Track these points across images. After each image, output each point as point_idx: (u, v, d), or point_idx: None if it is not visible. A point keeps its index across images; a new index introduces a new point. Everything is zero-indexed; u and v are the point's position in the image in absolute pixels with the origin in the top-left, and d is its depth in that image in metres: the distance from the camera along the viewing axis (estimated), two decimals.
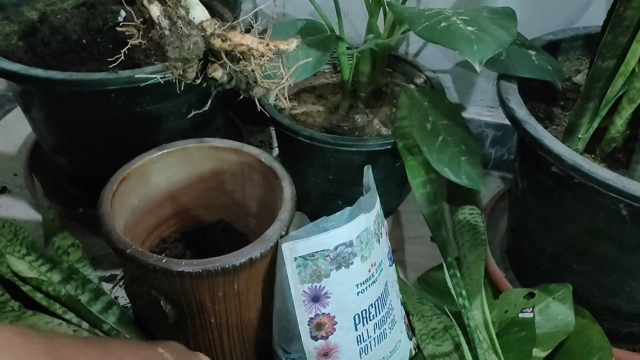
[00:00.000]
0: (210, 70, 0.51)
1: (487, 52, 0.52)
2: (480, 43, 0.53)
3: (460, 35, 0.53)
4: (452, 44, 0.53)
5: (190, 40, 0.48)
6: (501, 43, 0.54)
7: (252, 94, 0.53)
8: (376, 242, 0.59)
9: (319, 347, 0.58)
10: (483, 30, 0.54)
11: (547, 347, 0.64)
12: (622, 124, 0.62)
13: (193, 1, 0.49)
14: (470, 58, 0.52)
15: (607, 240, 0.61)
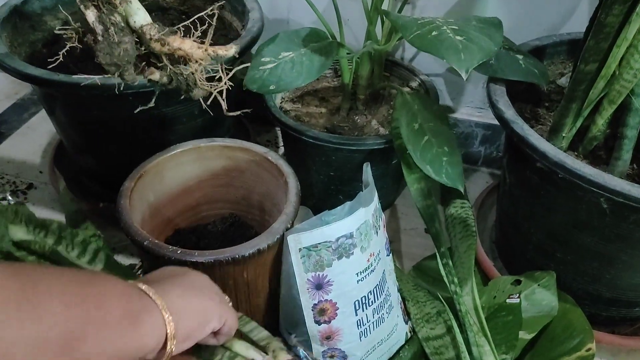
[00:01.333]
0: (148, 73, 0.49)
1: (473, 62, 0.52)
2: (467, 52, 0.52)
3: (449, 45, 0.53)
4: (441, 53, 0.53)
5: (120, 47, 0.46)
6: (487, 53, 0.53)
7: (192, 95, 0.51)
8: (374, 233, 0.59)
9: (322, 330, 0.58)
10: (470, 40, 0.54)
11: (532, 330, 0.64)
12: (603, 123, 0.61)
13: (134, 6, 0.47)
14: (457, 66, 0.51)
15: (588, 231, 0.61)
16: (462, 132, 0.94)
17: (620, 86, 0.57)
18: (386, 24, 0.73)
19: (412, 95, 0.71)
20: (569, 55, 0.77)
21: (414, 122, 0.67)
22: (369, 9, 0.71)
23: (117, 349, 0.34)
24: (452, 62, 0.51)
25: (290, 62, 0.67)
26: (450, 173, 0.63)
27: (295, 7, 0.90)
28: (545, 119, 0.70)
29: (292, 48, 0.68)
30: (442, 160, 0.64)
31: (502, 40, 0.57)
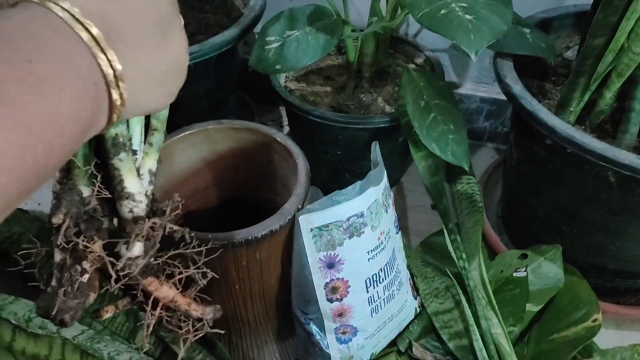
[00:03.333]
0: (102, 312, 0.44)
1: (483, 42, 0.51)
2: (477, 33, 0.52)
3: (459, 24, 0.52)
4: (451, 34, 0.52)
5: (69, 304, 0.38)
6: (497, 32, 0.53)
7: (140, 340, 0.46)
8: (384, 212, 0.59)
9: (334, 308, 0.59)
10: (480, 19, 0.53)
11: (539, 302, 0.65)
12: (611, 97, 0.61)
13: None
14: (467, 48, 0.51)
15: (595, 205, 0.62)
16: (467, 107, 0.94)
17: (629, 59, 0.57)
18: (391, 0, 0.72)
19: (418, 72, 0.71)
20: (576, 28, 0.76)
21: (420, 99, 0.67)
22: None
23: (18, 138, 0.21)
24: (462, 44, 0.50)
25: (295, 41, 0.67)
26: (456, 151, 0.63)
27: None
28: (552, 93, 0.70)
29: (296, 26, 0.68)
30: (447, 138, 0.64)
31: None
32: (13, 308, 0.54)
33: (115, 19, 0.26)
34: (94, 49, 0.24)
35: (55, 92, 0.22)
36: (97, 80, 0.25)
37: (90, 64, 0.24)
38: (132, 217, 0.41)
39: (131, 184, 0.41)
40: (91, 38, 0.24)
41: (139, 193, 0.41)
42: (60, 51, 0.23)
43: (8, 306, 0.55)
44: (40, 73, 0.22)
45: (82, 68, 0.24)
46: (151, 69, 0.29)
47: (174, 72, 0.31)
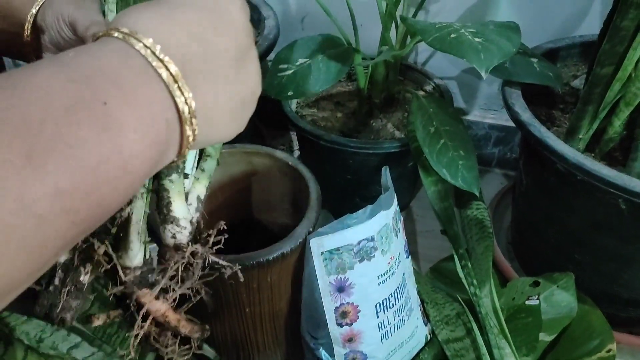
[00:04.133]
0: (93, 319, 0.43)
1: (493, 61, 0.53)
2: (487, 52, 0.53)
3: (469, 46, 0.54)
4: (461, 53, 0.53)
5: (66, 304, 0.38)
6: (506, 53, 0.54)
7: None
8: (394, 236, 0.59)
9: (344, 333, 0.59)
10: (489, 41, 0.55)
11: (552, 332, 0.64)
12: (620, 125, 0.62)
13: (135, 247, 0.39)
14: (477, 66, 0.52)
15: (606, 232, 0.61)
16: (475, 134, 0.95)
17: (637, 88, 0.57)
18: (401, 28, 0.74)
19: (427, 98, 0.72)
20: (582, 58, 0.77)
21: (430, 125, 0.68)
22: (384, 14, 0.72)
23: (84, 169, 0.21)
24: (472, 62, 0.52)
25: (307, 69, 0.68)
26: (467, 177, 0.64)
27: (310, 13, 0.91)
28: (561, 120, 0.71)
29: (309, 55, 0.70)
30: (458, 163, 0.64)
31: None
32: (25, 328, 0.55)
33: (196, 54, 0.26)
34: (171, 87, 0.25)
35: (126, 134, 0.22)
36: (169, 117, 0.25)
37: (164, 102, 0.25)
38: (174, 244, 0.40)
39: (178, 208, 0.39)
40: (169, 75, 0.25)
41: (185, 219, 0.40)
42: (136, 91, 0.23)
43: (20, 326, 0.55)
44: (114, 115, 0.22)
45: (156, 106, 0.24)
46: (226, 102, 0.29)
47: (247, 103, 0.31)
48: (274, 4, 0.87)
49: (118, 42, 0.25)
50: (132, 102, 0.23)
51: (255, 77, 0.31)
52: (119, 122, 0.22)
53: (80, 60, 0.23)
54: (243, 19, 0.29)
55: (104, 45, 0.24)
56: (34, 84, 0.21)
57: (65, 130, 0.20)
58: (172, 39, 0.25)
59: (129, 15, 0.26)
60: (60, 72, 0.22)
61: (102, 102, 0.22)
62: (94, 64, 0.23)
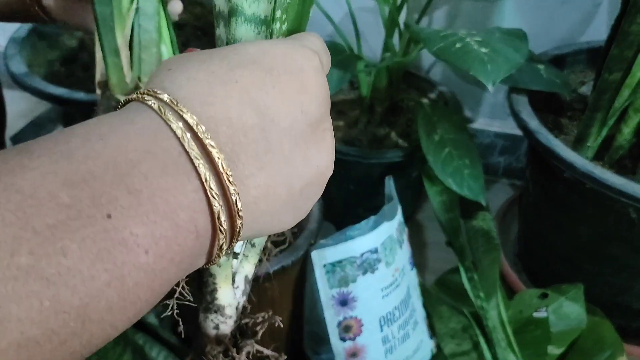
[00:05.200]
0: None
1: (500, 74, 0.51)
2: (493, 64, 0.52)
3: (475, 57, 0.53)
4: (467, 65, 0.52)
5: None
6: (513, 65, 0.53)
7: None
8: (399, 248, 0.58)
9: (347, 347, 0.57)
10: (496, 52, 0.53)
11: (561, 345, 0.63)
12: (629, 132, 0.61)
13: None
14: (483, 79, 0.51)
15: (617, 242, 0.60)
16: (481, 142, 0.94)
17: None
18: (404, 35, 0.73)
19: (432, 106, 0.71)
20: (589, 64, 0.77)
21: (434, 133, 0.67)
22: (387, 21, 0.71)
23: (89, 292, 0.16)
24: (478, 75, 0.51)
25: None
26: (472, 186, 0.63)
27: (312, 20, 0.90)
28: (569, 128, 0.70)
29: None
30: (463, 172, 0.63)
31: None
32: None
33: (251, 130, 0.20)
34: (207, 186, 0.18)
35: (133, 257, 0.16)
36: (201, 226, 0.18)
37: (197, 206, 0.18)
38: (216, 335, 0.35)
39: (224, 295, 0.34)
40: (211, 170, 0.18)
41: (230, 306, 0.35)
42: (157, 196, 0.17)
43: None
44: (119, 233, 0.16)
45: (185, 213, 0.18)
46: (286, 190, 0.22)
47: (314, 188, 0.23)
48: None
49: (149, 115, 0.18)
50: (148, 212, 0.17)
51: (328, 156, 0.23)
52: (125, 243, 0.16)
53: (90, 147, 0.17)
54: (321, 82, 0.23)
55: (129, 120, 0.18)
56: (14, 188, 0.15)
57: (45, 261, 0.15)
58: (224, 112, 0.19)
59: (174, 72, 0.20)
60: (57, 169, 0.16)
61: (104, 214, 0.16)
62: (106, 154, 0.17)
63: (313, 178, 0.23)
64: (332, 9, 0.74)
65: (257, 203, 0.20)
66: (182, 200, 0.18)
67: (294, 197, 0.22)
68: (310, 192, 0.23)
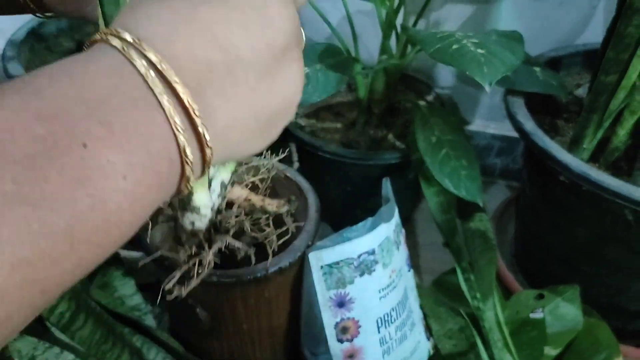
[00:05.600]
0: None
1: (496, 75, 0.52)
2: (490, 66, 0.52)
3: (471, 58, 0.53)
4: (463, 66, 0.52)
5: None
6: (509, 66, 0.53)
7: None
8: (396, 249, 0.58)
9: (344, 349, 0.57)
10: (492, 54, 0.54)
11: (558, 346, 0.63)
12: (625, 134, 0.61)
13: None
14: (480, 80, 0.51)
15: (613, 244, 0.60)
16: (477, 144, 0.94)
17: None
18: (401, 38, 0.73)
19: (429, 108, 0.71)
20: (585, 66, 0.77)
21: (432, 135, 0.67)
22: (384, 23, 0.71)
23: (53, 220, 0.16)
24: (475, 75, 0.51)
25: (305, 78, 0.67)
26: (469, 187, 0.63)
27: (309, 22, 0.90)
28: (565, 130, 0.70)
29: (307, 64, 0.69)
30: (460, 173, 0.63)
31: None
32: (17, 345, 0.54)
33: (216, 65, 0.21)
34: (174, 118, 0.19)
35: (112, 183, 0.17)
36: (174, 155, 0.20)
37: (167, 136, 0.19)
38: (191, 230, 0.38)
39: (200, 197, 0.37)
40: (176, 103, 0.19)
41: (206, 207, 0.38)
42: (129, 128, 0.18)
43: (12, 343, 0.54)
44: (96, 160, 0.17)
45: (156, 143, 0.19)
46: (253, 119, 0.23)
47: (282, 115, 0.25)
48: None
49: (114, 55, 0.19)
50: (122, 142, 0.18)
51: (295, 84, 0.24)
52: (103, 170, 0.17)
53: (58, 86, 0.18)
54: (286, 14, 0.23)
55: (94, 60, 0.19)
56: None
57: (28, 188, 0.16)
58: (184, 45, 0.20)
59: (136, 12, 0.20)
60: (29, 105, 0.17)
61: (80, 144, 0.17)
62: (73, 91, 0.18)
63: (280, 107, 0.24)
64: (329, 11, 0.74)
65: (226, 133, 0.22)
66: (153, 132, 0.19)
67: (262, 125, 0.24)
68: (277, 120, 0.25)
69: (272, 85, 0.23)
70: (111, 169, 0.17)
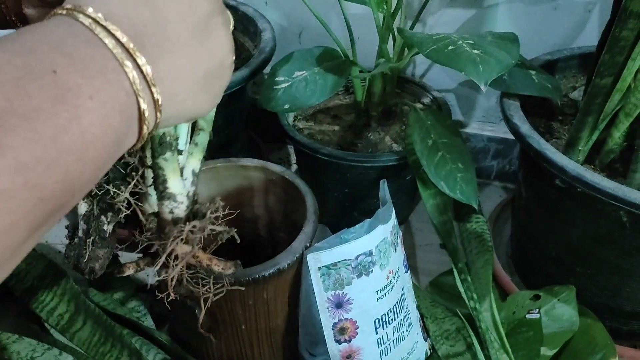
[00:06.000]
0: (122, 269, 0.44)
1: (492, 74, 0.52)
2: (485, 65, 0.52)
3: (467, 58, 0.53)
4: (459, 66, 0.52)
5: (90, 262, 0.39)
6: (504, 66, 0.53)
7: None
8: (393, 250, 0.58)
9: (342, 350, 0.57)
10: (487, 54, 0.54)
11: (554, 346, 0.63)
12: (620, 136, 0.61)
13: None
14: (476, 79, 0.51)
15: (608, 245, 0.60)
16: (474, 146, 0.94)
17: (637, 99, 0.57)
18: (398, 41, 0.74)
19: (425, 111, 0.71)
20: (581, 69, 0.77)
21: (428, 138, 0.67)
22: (381, 27, 0.72)
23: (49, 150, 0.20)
24: (470, 75, 0.51)
25: (304, 81, 0.68)
26: (465, 189, 0.63)
27: (308, 26, 0.90)
28: (560, 132, 0.70)
29: (305, 67, 0.69)
30: (456, 176, 0.63)
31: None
32: (16, 347, 0.53)
33: (148, 23, 0.25)
34: (119, 55, 0.23)
35: (82, 101, 0.21)
36: (126, 87, 0.24)
37: (118, 70, 0.23)
38: (172, 218, 0.41)
39: (174, 185, 0.40)
40: (117, 44, 0.24)
41: (181, 194, 0.41)
42: (86, 60, 0.22)
43: (11, 345, 0.54)
44: (66, 83, 0.21)
45: (111, 74, 0.23)
46: (191, 73, 0.27)
47: (217, 73, 0.29)
48: (272, 17, 0.87)
49: (61, 17, 0.24)
50: (83, 70, 0.22)
51: (223, 46, 0.29)
52: (73, 90, 0.21)
53: (25, 36, 0.22)
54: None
55: (50, 22, 0.24)
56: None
57: (17, 103, 0.19)
58: (118, 7, 0.24)
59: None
60: (4, 48, 0.21)
61: (51, 70, 0.21)
62: (38, 37, 0.22)
63: (212, 65, 0.29)
64: (327, 15, 0.74)
65: (168, 80, 0.26)
66: (106, 65, 0.23)
67: (199, 80, 0.28)
68: (214, 79, 0.29)
69: (203, 44, 0.28)
70: (78, 90, 0.21)
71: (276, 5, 0.89)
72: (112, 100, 0.23)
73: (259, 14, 0.84)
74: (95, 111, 0.22)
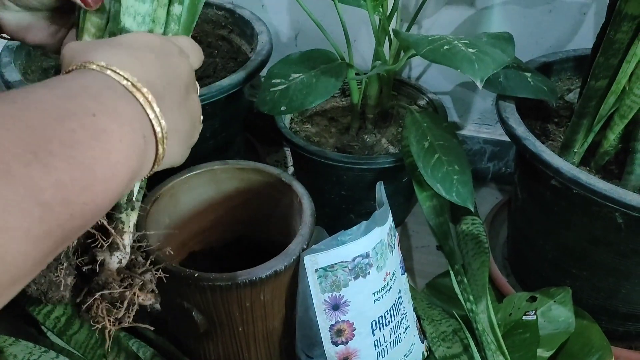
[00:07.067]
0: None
1: (488, 70, 0.51)
2: (481, 62, 0.52)
3: (462, 56, 0.53)
4: (455, 64, 0.52)
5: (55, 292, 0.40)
6: (500, 63, 0.53)
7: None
8: (390, 252, 0.58)
9: (339, 352, 0.57)
10: (483, 52, 0.54)
11: (550, 348, 0.63)
12: (615, 138, 0.61)
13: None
14: (472, 76, 0.51)
15: (603, 247, 0.61)
16: (470, 148, 0.94)
17: (631, 101, 0.57)
18: (394, 43, 0.74)
19: (421, 113, 0.71)
20: (576, 72, 0.77)
21: (424, 140, 0.67)
22: (377, 29, 0.71)
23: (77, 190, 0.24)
24: (467, 72, 0.51)
25: (300, 84, 0.67)
26: (461, 192, 0.63)
27: (304, 29, 0.90)
28: (555, 134, 0.70)
29: (302, 70, 0.69)
30: (452, 178, 0.63)
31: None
32: (13, 350, 0.53)
33: (159, 86, 0.31)
34: (147, 109, 0.30)
35: (113, 141, 0.26)
36: (147, 134, 0.29)
37: (142, 120, 0.29)
38: (117, 268, 0.42)
39: (127, 237, 0.44)
40: (145, 100, 0.30)
41: (128, 245, 0.44)
42: (118, 109, 0.28)
43: (8, 348, 0.53)
44: (102, 125, 0.26)
45: (136, 123, 0.29)
46: (181, 127, 0.34)
47: (194, 130, 0.37)
48: (268, 20, 0.87)
49: (95, 72, 0.29)
50: (116, 117, 0.27)
51: (198, 105, 0.38)
52: (107, 132, 0.26)
53: (67, 84, 0.27)
54: (184, 59, 0.36)
55: (85, 74, 0.29)
56: (31, 99, 0.24)
57: (63, 135, 0.24)
58: (142, 73, 0.30)
59: (100, 50, 0.30)
60: (52, 91, 0.26)
61: (91, 114, 0.26)
62: (79, 87, 0.27)
63: (193, 125, 0.36)
64: (323, 18, 0.74)
65: (171, 132, 0.32)
66: (134, 115, 0.29)
67: (184, 137, 0.35)
68: (189, 137, 0.36)
69: (186, 105, 0.35)
70: (111, 132, 0.26)
71: (273, 8, 0.89)
72: (135, 145, 0.28)
73: (255, 17, 0.84)
74: (122, 152, 0.27)
